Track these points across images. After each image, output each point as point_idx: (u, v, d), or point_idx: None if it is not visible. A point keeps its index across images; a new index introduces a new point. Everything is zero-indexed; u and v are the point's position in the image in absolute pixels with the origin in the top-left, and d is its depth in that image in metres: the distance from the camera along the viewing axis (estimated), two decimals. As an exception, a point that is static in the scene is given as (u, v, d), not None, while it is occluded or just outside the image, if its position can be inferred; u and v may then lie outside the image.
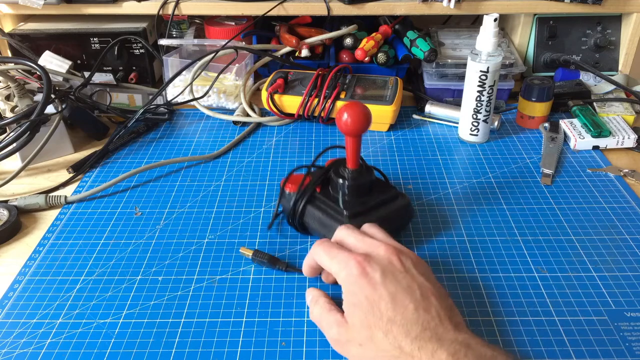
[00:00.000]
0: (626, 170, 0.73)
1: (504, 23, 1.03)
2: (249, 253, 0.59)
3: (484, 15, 0.72)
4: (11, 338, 0.51)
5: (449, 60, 0.90)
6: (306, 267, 0.54)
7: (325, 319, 0.48)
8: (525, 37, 0.97)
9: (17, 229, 0.65)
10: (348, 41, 0.94)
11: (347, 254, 0.48)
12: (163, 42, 0.92)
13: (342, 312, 0.47)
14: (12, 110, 0.77)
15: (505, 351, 0.42)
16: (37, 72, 0.74)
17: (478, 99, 0.76)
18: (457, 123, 0.83)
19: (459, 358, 0.39)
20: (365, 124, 0.55)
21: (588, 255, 0.59)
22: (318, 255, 0.50)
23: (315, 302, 0.50)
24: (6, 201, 0.68)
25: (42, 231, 0.65)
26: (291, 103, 0.84)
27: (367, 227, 0.54)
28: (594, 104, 0.85)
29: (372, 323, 0.43)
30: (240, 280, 0.57)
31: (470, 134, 0.80)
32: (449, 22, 1.11)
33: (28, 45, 0.92)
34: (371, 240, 0.50)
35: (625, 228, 0.63)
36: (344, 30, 0.94)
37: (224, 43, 0.89)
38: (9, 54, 0.95)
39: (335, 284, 0.54)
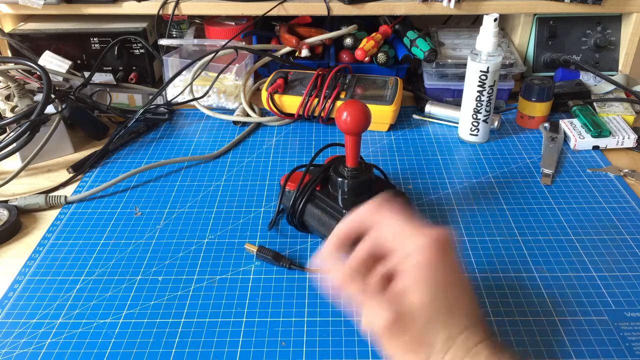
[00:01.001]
0: (626, 170, 0.73)
1: (504, 23, 1.03)
2: (253, 249, 0.59)
3: (484, 15, 0.72)
4: (11, 338, 0.51)
5: (449, 60, 0.90)
6: (336, 240, 0.42)
7: (369, 303, 0.39)
8: (525, 37, 0.97)
9: (17, 229, 0.65)
10: (348, 41, 0.94)
11: (419, 232, 0.39)
12: (163, 42, 0.92)
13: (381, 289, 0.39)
14: (12, 110, 0.77)
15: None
16: (37, 72, 0.74)
17: (478, 99, 0.76)
18: (457, 123, 0.83)
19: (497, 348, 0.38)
20: (365, 123, 0.55)
21: (588, 255, 0.59)
22: (384, 227, 0.40)
23: (347, 280, 0.40)
24: (6, 201, 0.68)
25: (42, 231, 0.65)
26: (291, 103, 0.84)
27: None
28: (594, 104, 0.85)
29: (439, 305, 0.38)
30: (240, 280, 0.57)
31: (470, 134, 0.80)
32: (449, 22, 1.10)
33: (28, 45, 0.92)
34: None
35: (625, 228, 0.63)
36: (344, 30, 0.94)
37: (224, 43, 0.89)
38: (9, 54, 0.95)
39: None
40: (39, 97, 0.76)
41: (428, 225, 0.39)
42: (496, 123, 0.82)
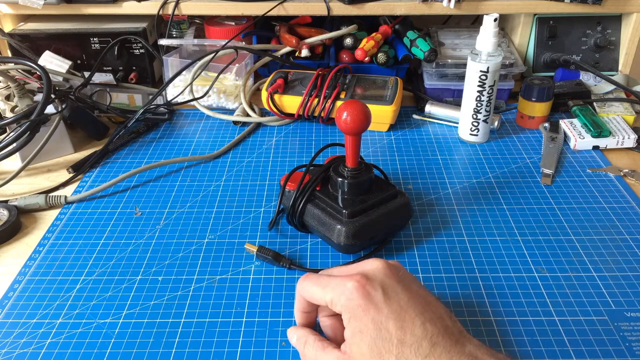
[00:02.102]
0: (626, 170, 0.73)
1: (504, 23, 1.03)
2: (253, 249, 0.59)
3: (484, 15, 0.72)
4: (11, 338, 0.51)
5: (449, 60, 0.90)
6: (299, 315, 0.48)
7: (323, 354, 0.43)
8: (525, 37, 0.97)
9: (17, 229, 0.65)
10: (348, 41, 0.94)
11: (342, 277, 0.43)
12: (163, 42, 0.92)
13: (338, 346, 0.43)
14: (12, 110, 0.77)
15: (510, 357, 0.41)
16: (37, 72, 0.74)
17: (478, 99, 0.76)
18: (457, 123, 0.83)
19: None
20: (365, 123, 0.55)
21: (588, 255, 0.59)
22: (307, 289, 0.45)
23: (304, 343, 0.45)
24: (6, 201, 0.68)
25: (42, 231, 0.65)
26: (291, 103, 0.84)
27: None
28: (594, 104, 0.85)
29: (382, 348, 0.39)
30: (240, 280, 0.57)
31: (470, 134, 0.80)
32: (449, 22, 1.11)
33: (28, 45, 0.92)
34: (352, 265, 0.45)
35: (625, 228, 0.63)
36: (344, 30, 0.94)
37: (224, 43, 0.89)
38: (9, 54, 0.95)
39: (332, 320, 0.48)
40: (39, 97, 0.76)
41: (351, 268, 0.43)
42: (496, 123, 0.82)
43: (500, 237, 0.62)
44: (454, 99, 0.90)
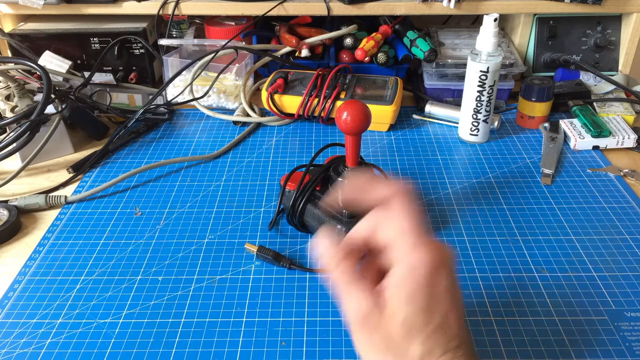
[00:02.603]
0: (626, 170, 0.73)
1: (504, 23, 1.03)
2: (253, 249, 0.59)
3: (484, 15, 0.72)
4: (11, 338, 0.51)
5: (449, 60, 0.90)
6: (357, 237, 0.40)
7: (353, 290, 0.37)
8: (525, 37, 0.96)
9: (17, 229, 0.65)
10: (348, 41, 0.94)
11: (420, 241, 0.37)
12: (163, 42, 0.92)
13: (369, 282, 0.38)
14: (12, 110, 0.77)
15: None
16: (37, 72, 0.74)
17: (478, 99, 0.76)
18: (457, 123, 0.83)
19: None
20: (365, 123, 0.55)
21: (588, 255, 0.59)
22: (385, 221, 0.39)
23: (337, 263, 0.39)
24: (6, 201, 0.68)
25: (42, 231, 0.65)
26: (291, 103, 0.84)
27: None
28: (594, 104, 0.85)
29: (419, 324, 0.35)
30: (240, 280, 0.57)
31: (470, 134, 0.80)
32: (449, 22, 1.10)
33: (28, 45, 0.92)
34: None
35: (625, 228, 0.63)
36: (344, 30, 0.94)
37: (224, 43, 0.89)
38: (9, 54, 0.95)
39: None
40: (39, 97, 0.76)
41: (432, 240, 0.37)
42: (496, 123, 0.82)
43: (500, 237, 0.62)
44: (454, 99, 0.90)
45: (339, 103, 0.82)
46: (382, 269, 0.38)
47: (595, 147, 0.78)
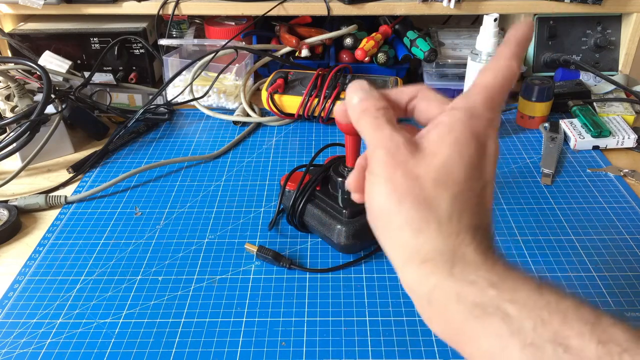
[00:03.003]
0: (626, 170, 0.73)
1: (504, 23, 1.03)
2: (253, 249, 0.59)
3: (484, 15, 0.72)
4: (11, 338, 0.51)
5: (449, 60, 0.90)
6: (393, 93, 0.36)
7: (386, 128, 0.32)
8: (525, 37, 0.96)
9: (17, 229, 0.65)
10: (348, 41, 0.94)
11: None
12: (163, 42, 0.92)
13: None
14: (12, 110, 0.77)
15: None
16: (37, 72, 0.74)
17: (478, 99, 0.76)
18: (457, 123, 0.83)
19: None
20: (365, 124, 0.55)
21: (588, 255, 0.59)
22: (435, 99, 0.34)
23: (362, 110, 0.34)
24: (6, 201, 0.68)
25: (42, 231, 0.65)
26: (291, 103, 0.84)
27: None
28: (594, 104, 0.85)
29: (454, 179, 0.29)
30: (240, 280, 0.57)
31: (470, 134, 0.80)
32: (449, 22, 1.10)
33: (28, 45, 0.92)
34: None
35: (625, 228, 0.63)
36: (344, 30, 0.94)
37: (224, 43, 0.89)
38: (9, 54, 0.95)
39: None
40: (39, 97, 0.76)
41: None
42: (496, 123, 0.82)
43: (500, 237, 0.62)
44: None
45: (339, 103, 0.82)
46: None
47: (595, 147, 0.78)
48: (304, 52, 0.93)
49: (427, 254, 0.29)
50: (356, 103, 0.34)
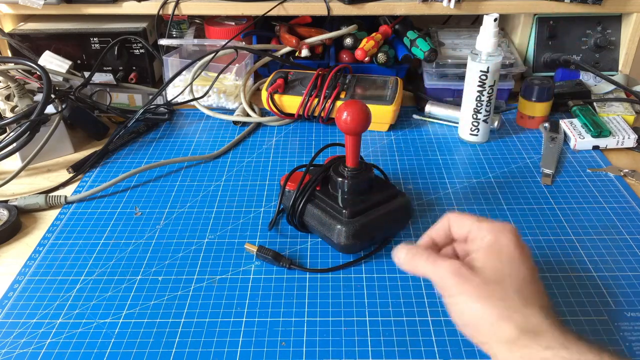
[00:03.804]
0: (626, 170, 0.73)
1: (504, 23, 1.03)
2: (253, 249, 0.59)
3: (484, 15, 0.72)
4: (11, 338, 0.51)
5: (449, 60, 0.90)
6: (425, 238, 0.46)
7: (439, 260, 0.41)
8: (525, 37, 0.96)
9: (17, 229, 0.65)
10: (348, 41, 0.94)
11: (497, 222, 0.42)
12: (163, 42, 0.92)
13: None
14: (12, 110, 0.77)
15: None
16: (37, 72, 0.74)
17: (478, 99, 0.76)
18: (457, 123, 0.83)
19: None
20: (365, 123, 0.55)
21: (588, 255, 0.59)
22: (461, 215, 0.44)
23: (416, 252, 0.43)
24: (6, 201, 0.68)
25: (42, 231, 0.65)
26: (291, 103, 0.84)
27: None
28: (594, 104, 0.85)
29: (508, 274, 0.39)
30: (240, 280, 0.57)
31: (470, 134, 0.80)
32: (449, 22, 1.10)
33: (28, 45, 0.92)
34: None
35: (625, 228, 0.63)
36: (344, 30, 0.94)
37: (224, 43, 0.89)
38: (9, 54, 0.95)
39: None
40: (39, 97, 0.76)
41: (504, 222, 0.43)
42: (496, 123, 0.82)
43: (500, 237, 0.62)
44: (454, 99, 0.90)
45: (339, 103, 0.82)
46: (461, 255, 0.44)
47: (595, 147, 0.78)
48: (304, 52, 0.93)
49: (514, 334, 0.37)
50: (405, 255, 0.44)
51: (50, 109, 0.75)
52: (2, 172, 0.76)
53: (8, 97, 0.80)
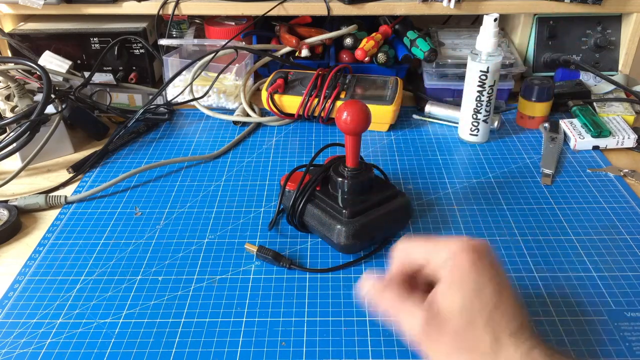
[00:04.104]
0: (626, 170, 0.73)
1: (504, 23, 1.03)
2: (253, 249, 0.59)
3: (484, 15, 0.72)
4: (11, 338, 0.51)
5: (449, 60, 0.90)
6: (396, 269, 0.43)
7: (405, 307, 0.40)
8: (525, 37, 0.96)
9: (17, 229, 0.65)
10: (348, 41, 0.94)
11: (453, 240, 0.40)
12: (163, 42, 0.92)
13: (419, 299, 0.40)
14: (12, 110, 0.77)
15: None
16: (37, 72, 0.74)
17: (478, 99, 0.76)
18: (457, 123, 0.83)
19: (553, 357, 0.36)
20: (365, 123, 0.55)
21: (588, 255, 0.59)
22: (408, 248, 0.42)
23: (381, 290, 0.41)
24: (6, 201, 0.68)
25: (42, 231, 0.65)
26: (291, 103, 0.84)
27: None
28: (594, 104, 0.85)
29: (476, 307, 0.37)
30: (240, 280, 0.57)
31: (470, 134, 0.80)
32: (449, 22, 1.10)
33: (28, 45, 0.92)
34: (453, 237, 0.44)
35: (625, 228, 0.63)
36: (344, 30, 0.94)
37: (224, 43, 0.89)
38: (9, 54, 0.95)
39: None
40: (39, 97, 0.76)
41: (464, 238, 0.40)
42: (496, 123, 0.82)
43: (500, 237, 0.62)
44: (454, 99, 0.90)
45: (339, 103, 0.82)
46: (426, 283, 0.41)
47: (595, 147, 0.78)
48: (304, 52, 0.93)
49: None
50: (370, 288, 0.42)
51: (50, 109, 0.75)
52: (2, 172, 0.76)
53: (8, 97, 0.80)
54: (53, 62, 0.88)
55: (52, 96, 0.76)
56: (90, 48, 0.94)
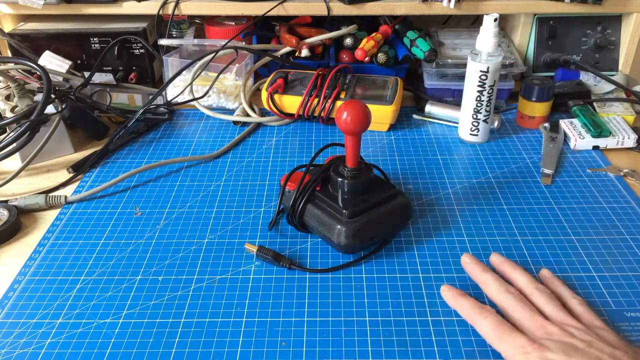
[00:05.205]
0: (626, 170, 0.73)
1: (504, 23, 1.03)
2: (253, 249, 0.59)
3: (484, 15, 0.72)
4: (11, 338, 0.51)
5: (449, 60, 0.90)
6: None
7: (509, 338, 0.45)
8: (525, 37, 0.97)
9: (17, 229, 0.65)
10: (348, 41, 0.94)
11: (522, 339, 0.44)
12: (163, 42, 0.92)
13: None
14: (12, 110, 0.77)
15: None
16: (37, 72, 0.74)
17: (478, 99, 0.76)
18: (457, 123, 0.83)
19: None
20: (365, 123, 0.55)
21: (588, 255, 0.59)
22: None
23: (482, 317, 0.48)
24: (6, 201, 0.68)
25: (42, 231, 0.65)
26: (291, 103, 0.84)
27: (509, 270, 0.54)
28: (594, 104, 0.85)
29: None
30: (240, 280, 0.57)
31: (470, 134, 0.80)
32: (449, 22, 1.11)
33: (28, 45, 0.92)
34: (541, 315, 0.47)
35: (625, 228, 0.63)
36: (344, 30, 0.94)
37: (224, 43, 0.89)
38: (9, 54, 0.95)
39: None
40: (39, 97, 0.76)
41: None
42: (496, 123, 0.82)
43: (500, 237, 0.62)
44: (454, 99, 0.90)
45: (339, 103, 0.82)
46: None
47: (595, 147, 0.78)
48: (304, 52, 0.93)
49: None
50: (447, 292, 0.53)
51: (50, 109, 0.75)
52: (2, 172, 0.76)
53: (8, 97, 0.80)
54: (53, 62, 0.88)
55: (52, 96, 0.76)
56: (90, 48, 0.94)
